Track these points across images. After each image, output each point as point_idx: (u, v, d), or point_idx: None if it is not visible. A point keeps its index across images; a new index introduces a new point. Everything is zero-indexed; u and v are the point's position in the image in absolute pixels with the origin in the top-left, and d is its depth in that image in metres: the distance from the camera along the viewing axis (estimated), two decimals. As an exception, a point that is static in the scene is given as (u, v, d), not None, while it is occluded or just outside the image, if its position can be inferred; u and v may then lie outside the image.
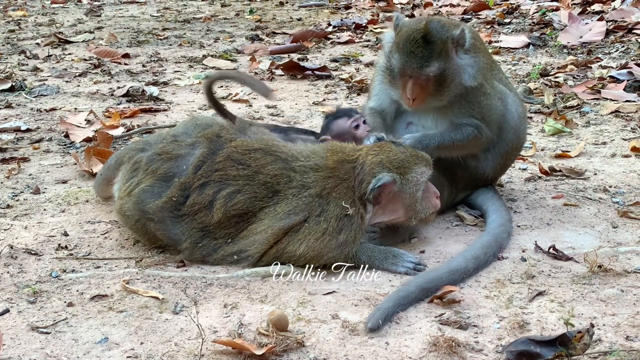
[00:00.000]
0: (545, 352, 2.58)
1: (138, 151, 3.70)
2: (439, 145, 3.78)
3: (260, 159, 3.47)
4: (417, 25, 3.75)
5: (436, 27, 3.73)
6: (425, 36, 3.68)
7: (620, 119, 5.69)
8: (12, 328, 2.90)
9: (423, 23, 3.73)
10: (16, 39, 10.27)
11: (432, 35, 3.69)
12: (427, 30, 3.69)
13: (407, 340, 2.77)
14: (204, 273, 3.36)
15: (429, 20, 3.76)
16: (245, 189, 3.41)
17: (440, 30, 3.72)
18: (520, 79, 7.06)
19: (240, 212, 3.40)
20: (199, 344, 2.74)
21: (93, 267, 3.45)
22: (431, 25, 3.71)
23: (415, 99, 3.76)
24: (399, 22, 3.84)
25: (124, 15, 12.87)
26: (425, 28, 3.69)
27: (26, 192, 4.39)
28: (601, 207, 4.03)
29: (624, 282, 3.20)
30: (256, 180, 3.42)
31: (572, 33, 8.70)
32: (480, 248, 3.43)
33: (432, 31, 3.70)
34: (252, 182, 3.41)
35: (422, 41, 3.68)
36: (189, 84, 7.36)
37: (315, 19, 12.04)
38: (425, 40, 3.68)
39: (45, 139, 5.49)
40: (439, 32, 3.71)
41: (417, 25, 3.75)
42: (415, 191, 3.45)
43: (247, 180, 3.42)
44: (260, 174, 3.43)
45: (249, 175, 3.43)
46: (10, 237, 3.75)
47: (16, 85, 7.06)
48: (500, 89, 3.98)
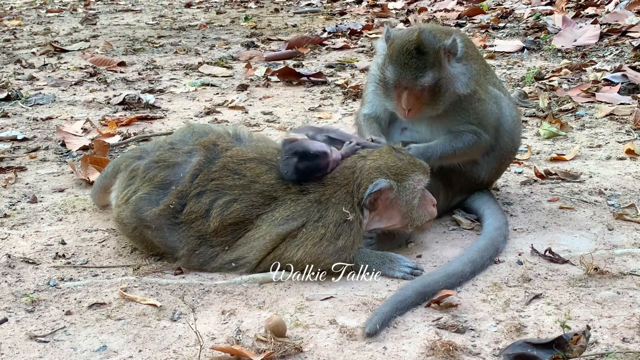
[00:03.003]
0: (542, 355, 2.59)
1: (135, 159, 3.71)
2: (442, 156, 3.80)
3: (256, 169, 3.47)
4: (409, 36, 3.76)
5: (428, 38, 3.74)
6: (418, 47, 3.69)
7: (614, 121, 5.71)
8: (10, 337, 2.91)
9: (415, 34, 3.73)
10: (12, 48, 10.27)
11: (425, 45, 3.70)
12: (419, 41, 3.70)
13: (404, 345, 2.78)
14: (202, 280, 3.36)
15: (420, 31, 3.76)
16: (242, 197, 3.41)
17: (432, 41, 3.73)
18: (515, 82, 7.08)
19: (236, 220, 3.40)
20: (197, 350, 2.74)
21: (91, 275, 3.46)
22: (423, 36, 3.72)
23: (411, 110, 3.77)
24: (390, 34, 3.84)
25: (120, 23, 12.88)
26: (417, 39, 3.70)
27: (23, 201, 4.39)
28: (597, 210, 4.05)
29: (620, 284, 3.21)
30: (252, 189, 3.42)
31: (566, 37, 8.73)
32: (476, 252, 3.44)
33: (425, 42, 3.71)
34: (249, 191, 3.42)
35: (416, 52, 3.69)
36: (185, 92, 7.37)
37: (310, 25, 12.06)
38: (419, 51, 3.69)
39: (42, 148, 5.50)
40: (432, 42, 3.73)
41: (410, 36, 3.75)
42: (411, 199, 3.46)
43: (243, 189, 3.42)
44: (257, 184, 3.43)
45: (245, 185, 3.43)
46: (8, 246, 3.76)
47: (12, 94, 7.05)
48: (494, 93, 4.00)
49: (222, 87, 7.57)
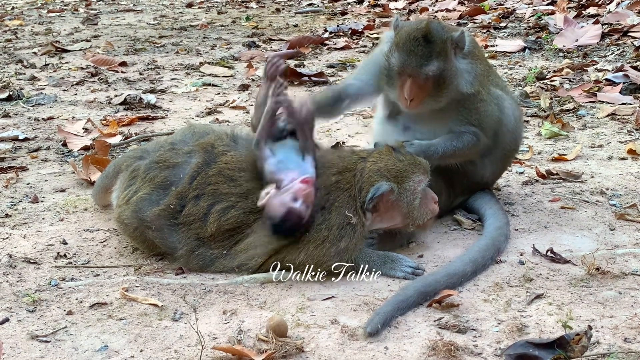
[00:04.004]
0: (544, 355, 2.59)
1: (136, 159, 3.71)
2: (443, 155, 3.80)
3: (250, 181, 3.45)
4: (418, 25, 3.78)
5: (437, 28, 3.76)
6: (425, 35, 3.70)
7: (616, 121, 5.70)
8: (11, 337, 2.91)
9: (424, 23, 3.76)
10: (13, 48, 10.28)
11: (433, 35, 3.71)
12: (428, 30, 3.71)
13: (406, 345, 2.78)
14: (203, 280, 3.36)
15: (430, 21, 3.80)
16: (239, 204, 3.41)
17: (440, 31, 3.75)
18: (517, 82, 7.08)
19: (234, 226, 3.40)
20: (198, 350, 2.74)
21: (92, 275, 3.46)
22: (432, 25, 3.74)
23: (413, 100, 3.76)
24: (399, 23, 3.86)
25: (121, 23, 12.88)
26: (426, 27, 3.71)
27: (24, 201, 4.39)
28: (598, 210, 4.05)
29: (621, 284, 3.21)
30: (249, 198, 3.42)
31: (567, 36, 8.72)
32: (478, 252, 3.44)
33: (433, 31, 3.72)
34: (246, 200, 3.42)
35: (423, 40, 3.70)
36: (186, 92, 7.37)
37: (311, 25, 12.06)
38: (426, 39, 3.70)
39: (43, 148, 5.50)
40: (440, 32, 3.74)
41: (418, 25, 3.78)
42: (412, 199, 3.46)
43: (240, 197, 3.42)
44: (253, 195, 3.41)
45: (241, 193, 3.42)
46: (9, 246, 3.76)
47: (13, 94, 7.06)
48: (497, 94, 3.99)
49: (223, 87, 7.57)
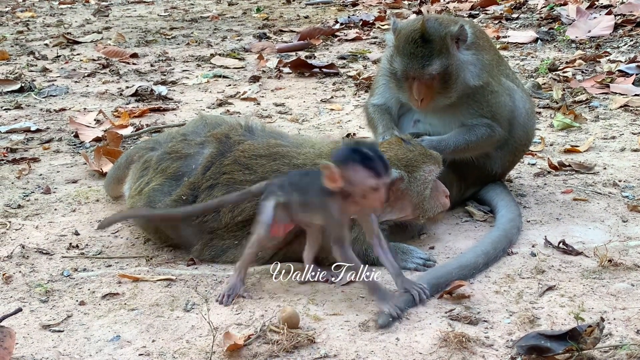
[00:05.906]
0: (556, 347, 2.58)
1: (148, 150, 3.71)
2: (455, 149, 3.78)
3: (266, 165, 3.45)
4: (413, 25, 3.74)
5: (433, 25, 3.71)
6: (423, 35, 3.67)
7: (629, 113, 5.67)
8: (24, 327, 2.93)
9: (419, 22, 3.72)
10: (25, 40, 10.32)
11: (430, 33, 3.68)
12: (424, 29, 3.67)
13: (417, 336, 2.78)
14: (214, 271, 3.37)
15: (425, 19, 3.74)
16: None
17: (437, 28, 3.71)
18: (529, 74, 7.04)
19: (247, 217, 3.38)
20: (210, 341, 2.75)
21: (104, 265, 3.47)
22: (428, 24, 3.70)
23: (423, 99, 3.75)
24: (397, 26, 3.83)
25: (132, 15, 12.90)
26: (422, 27, 3.68)
27: (37, 192, 4.42)
28: (611, 202, 4.03)
29: (634, 276, 3.19)
30: None
31: (580, 27, 8.66)
32: (489, 243, 3.43)
33: (430, 29, 3.68)
34: None
35: (421, 41, 3.67)
36: (197, 83, 7.38)
37: (322, 16, 12.03)
38: (424, 39, 3.67)
39: (55, 139, 5.52)
40: (437, 29, 3.70)
41: (414, 25, 3.74)
42: (423, 189, 3.44)
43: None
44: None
45: (256, 181, 3.40)
46: (22, 237, 3.78)
47: (25, 86, 7.09)
48: (507, 85, 3.97)
49: (234, 78, 7.57)
